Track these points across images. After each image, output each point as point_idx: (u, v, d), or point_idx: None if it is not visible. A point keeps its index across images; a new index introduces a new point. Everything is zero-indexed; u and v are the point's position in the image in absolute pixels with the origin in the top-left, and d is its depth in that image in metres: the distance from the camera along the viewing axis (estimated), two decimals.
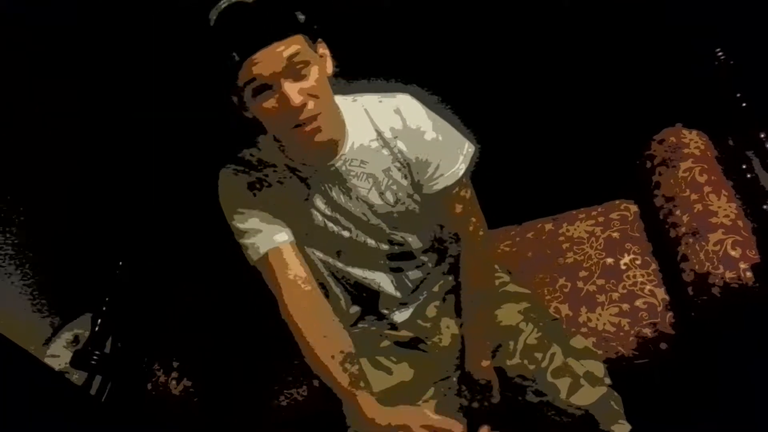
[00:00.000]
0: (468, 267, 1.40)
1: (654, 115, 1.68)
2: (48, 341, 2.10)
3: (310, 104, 1.10)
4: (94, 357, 1.76)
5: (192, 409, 1.81)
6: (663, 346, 1.46)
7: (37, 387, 1.62)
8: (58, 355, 2.06)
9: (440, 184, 1.28)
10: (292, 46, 1.07)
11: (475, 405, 1.36)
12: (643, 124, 1.69)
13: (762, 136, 1.33)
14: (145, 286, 2.00)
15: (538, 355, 1.31)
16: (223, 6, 1.07)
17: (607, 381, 1.32)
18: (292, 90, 1.07)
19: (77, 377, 1.87)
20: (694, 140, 1.59)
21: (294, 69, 1.08)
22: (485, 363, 1.36)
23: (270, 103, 1.09)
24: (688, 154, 1.56)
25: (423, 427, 1.24)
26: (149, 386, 1.85)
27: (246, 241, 1.27)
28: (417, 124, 1.25)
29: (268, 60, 1.06)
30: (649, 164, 1.65)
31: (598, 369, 1.32)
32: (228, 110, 1.16)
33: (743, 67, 1.45)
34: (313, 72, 1.10)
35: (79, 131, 1.97)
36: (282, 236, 1.27)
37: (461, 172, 1.29)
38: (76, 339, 2.15)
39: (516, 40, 1.70)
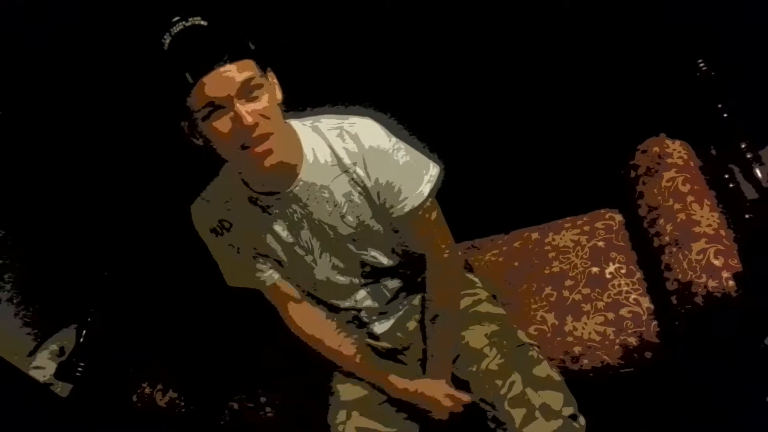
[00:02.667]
0: (432, 287, 1.40)
1: (638, 125, 1.69)
2: (33, 353, 2.08)
3: (263, 124, 1.10)
4: (79, 368, 1.75)
5: (177, 420, 1.80)
6: (648, 354, 1.46)
7: (21, 399, 1.60)
8: (43, 367, 2.04)
9: (405, 208, 1.27)
10: (245, 70, 1.08)
11: (434, 416, 1.39)
12: (628, 134, 1.70)
13: (743, 146, 1.34)
14: (130, 297, 1.99)
15: (498, 382, 1.31)
16: (177, 30, 1.07)
17: (567, 412, 1.29)
18: (245, 110, 1.08)
19: (61, 389, 1.86)
20: (677, 150, 1.60)
21: (246, 91, 1.08)
22: (446, 387, 1.39)
23: (222, 122, 1.09)
24: (671, 164, 1.58)
25: (446, 396, 1.37)
26: (135, 398, 1.84)
27: (224, 269, 1.37)
28: (376, 148, 1.23)
29: (222, 81, 1.06)
30: (633, 174, 1.66)
31: (556, 401, 1.30)
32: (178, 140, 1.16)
33: (725, 78, 1.47)
34: (265, 96, 1.11)
35: (62, 142, 1.95)
36: (263, 275, 1.35)
37: (425, 194, 1.27)
38: (61, 350, 2.13)
39: (504, 52, 1.71)
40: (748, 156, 1.32)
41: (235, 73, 1.07)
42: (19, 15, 1.72)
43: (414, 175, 1.27)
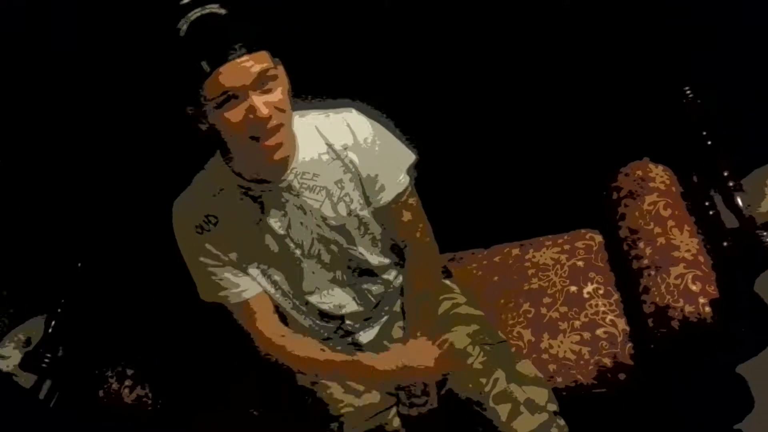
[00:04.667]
0: (413, 269, 1.42)
1: (622, 148, 1.71)
2: None
3: (276, 116, 1.11)
4: (45, 360, 1.71)
5: (144, 418, 1.77)
6: (621, 376, 1.47)
7: None
8: (8, 356, 2.00)
9: (389, 195, 1.33)
10: (261, 61, 1.09)
11: (413, 412, 1.37)
12: (612, 156, 1.72)
13: (726, 174, 1.36)
14: (102, 291, 1.95)
15: (483, 380, 1.31)
16: (195, 16, 1.07)
17: (552, 407, 1.31)
18: (260, 102, 1.08)
19: (25, 380, 1.81)
20: (659, 175, 1.62)
21: (261, 82, 1.09)
22: (425, 341, 1.36)
23: (235, 113, 1.09)
24: (653, 188, 1.59)
25: (427, 358, 1.33)
26: (101, 393, 1.80)
27: (199, 282, 1.33)
28: (366, 138, 1.29)
29: (239, 71, 1.07)
30: (615, 196, 1.67)
31: (541, 396, 1.31)
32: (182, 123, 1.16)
33: (710, 106, 1.49)
34: (279, 87, 1.12)
35: (37, 127, 1.92)
36: (241, 293, 1.32)
37: (407, 181, 1.35)
38: (28, 341, 2.09)
39: (493, 69, 1.72)
40: (730, 184, 1.33)
41: (251, 63, 1.08)
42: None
43: (397, 163, 1.34)
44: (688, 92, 1.53)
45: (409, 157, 1.37)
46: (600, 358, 1.48)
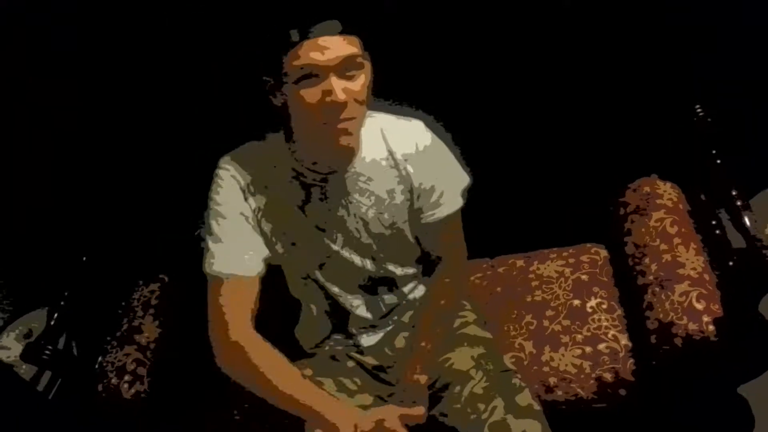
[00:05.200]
0: (441, 285, 1.41)
1: (631, 164, 1.72)
2: None
3: (352, 106, 1.09)
4: (46, 352, 1.70)
5: (141, 415, 1.76)
6: (622, 392, 1.46)
7: None
8: (9, 347, 2.00)
9: (441, 213, 1.32)
10: (352, 46, 1.06)
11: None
12: (620, 172, 1.72)
13: (734, 193, 1.36)
14: (106, 286, 1.95)
15: (481, 406, 1.28)
16: None
17: None
18: (339, 86, 1.06)
19: (26, 371, 1.82)
20: (667, 192, 1.63)
21: (347, 67, 1.07)
22: (423, 379, 1.34)
23: (313, 92, 1.07)
24: (660, 204, 1.60)
25: (399, 417, 1.20)
26: (100, 387, 1.80)
27: (211, 247, 1.22)
28: (428, 152, 1.27)
29: (327, 50, 1.04)
30: (622, 211, 1.67)
31: (535, 430, 1.27)
32: (252, 93, 1.14)
33: (721, 125, 1.49)
34: (362, 77, 1.10)
35: (40, 120, 1.93)
36: (247, 266, 1.22)
37: (461, 203, 1.33)
38: (29, 332, 2.10)
39: (504, 81, 1.73)
40: (738, 203, 1.33)
41: (341, 44, 1.05)
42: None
43: (454, 182, 1.33)
44: (699, 110, 1.53)
45: (465, 179, 1.35)
46: (601, 372, 1.47)
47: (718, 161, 1.45)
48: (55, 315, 1.79)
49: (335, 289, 1.37)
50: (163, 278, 1.96)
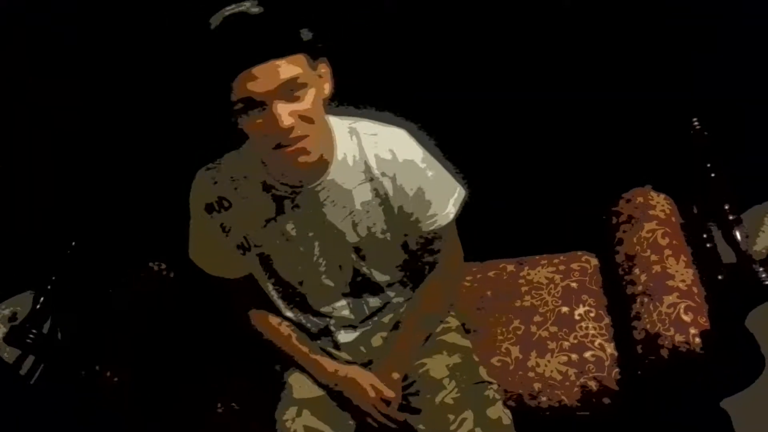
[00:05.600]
0: (432, 289, 1.41)
1: (626, 174, 1.72)
2: None
3: (299, 126, 1.06)
4: (31, 335, 1.69)
5: (124, 403, 1.75)
6: (606, 400, 1.47)
7: None
8: None
9: (433, 225, 1.29)
10: (291, 67, 1.03)
11: (370, 420, 1.36)
12: (615, 181, 1.73)
13: (726, 207, 1.36)
14: (94, 272, 1.94)
15: (450, 417, 1.29)
16: (226, 14, 1.03)
17: None
18: (284, 111, 1.04)
19: (9, 354, 1.80)
20: (660, 204, 1.63)
21: (288, 90, 1.04)
22: (395, 376, 1.36)
23: (258, 121, 1.05)
24: (653, 215, 1.60)
25: (371, 385, 1.33)
26: (83, 373, 1.79)
27: (194, 252, 1.35)
28: (409, 162, 1.23)
29: (263, 77, 1.02)
30: (614, 220, 1.68)
31: None
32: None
33: (717, 139, 1.50)
34: (309, 94, 1.07)
35: (33, 107, 1.91)
36: (228, 269, 1.35)
37: (452, 216, 1.30)
38: (14, 316, 2.07)
39: (503, 87, 1.73)
40: (730, 217, 1.33)
41: (281, 69, 1.02)
42: None
43: (443, 194, 1.29)
44: (696, 123, 1.53)
45: (455, 189, 1.31)
46: (586, 380, 1.48)
47: (713, 174, 1.45)
48: (41, 299, 1.77)
49: (315, 298, 1.37)
50: (152, 267, 1.95)
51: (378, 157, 1.23)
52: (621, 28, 1.63)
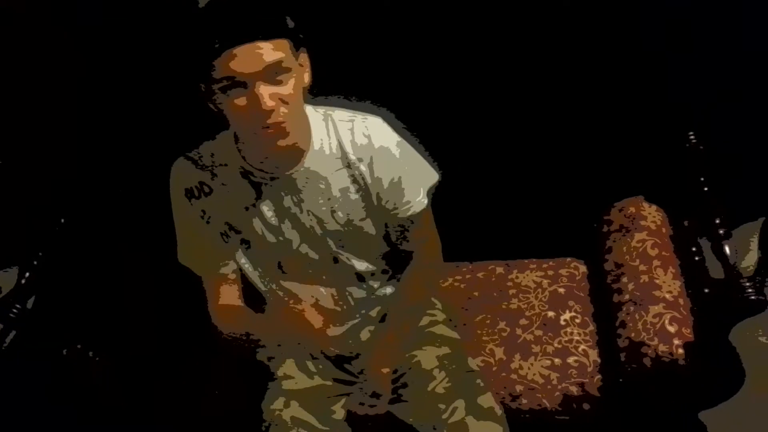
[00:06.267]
0: (413, 280, 1.41)
1: (619, 183, 1.73)
2: None
3: (280, 109, 1.08)
4: (14, 310, 1.68)
5: (102, 386, 1.74)
6: (586, 406, 1.47)
7: None
8: None
9: (408, 212, 1.30)
10: (276, 51, 1.04)
11: (360, 410, 1.37)
12: (608, 190, 1.74)
13: (717, 221, 1.37)
14: (83, 250, 1.93)
15: (442, 406, 1.30)
16: None
17: None
18: (266, 92, 1.05)
19: None
20: (652, 214, 1.65)
21: (272, 73, 1.05)
22: (385, 370, 1.36)
23: (240, 101, 1.06)
24: (644, 226, 1.61)
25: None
26: (64, 351, 1.78)
27: (180, 243, 1.33)
28: (385, 148, 1.25)
29: (249, 57, 1.03)
30: (605, 228, 1.69)
31: None
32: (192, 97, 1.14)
33: (713, 154, 1.51)
34: (291, 80, 1.08)
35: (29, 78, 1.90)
36: (214, 268, 1.34)
37: (426, 201, 1.31)
38: None
39: (500, 91, 1.74)
40: (720, 232, 1.34)
41: (266, 51, 1.03)
42: None
43: (418, 181, 1.31)
44: (692, 137, 1.54)
45: (431, 176, 1.33)
46: (567, 385, 1.48)
47: (706, 189, 1.46)
48: (27, 274, 1.76)
49: (296, 285, 1.37)
50: (140, 249, 1.93)
51: (354, 143, 1.24)
52: (620, 46, 1.64)
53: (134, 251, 1.94)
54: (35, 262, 1.80)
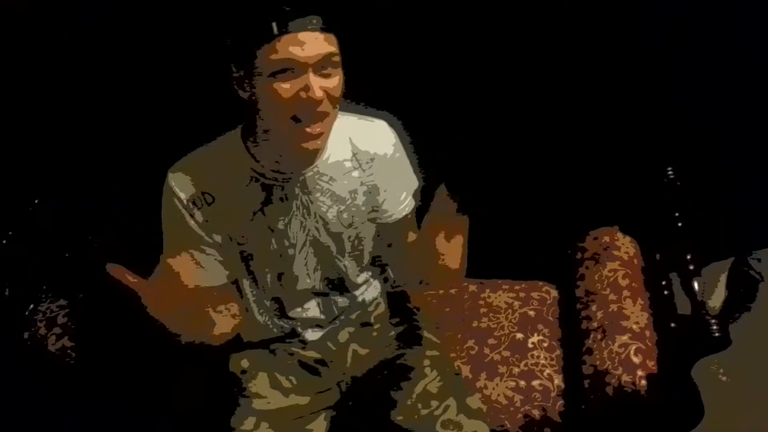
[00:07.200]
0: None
1: (596, 212, 1.75)
2: None
3: (327, 102, 1.07)
4: None
5: (65, 370, 1.72)
6: (546, 430, 1.48)
7: None
8: None
9: (401, 213, 1.32)
10: (330, 44, 1.06)
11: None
12: (584, 218, 1.76)
13: (688, 257, 1.39)
14: (55, 232, 1.90)
15: (434, 403, 1.33)
16: None
17: None
18: (316, 83, 1.05)
19: None
20: (625, 245, 1.67)
21: (325, 65, 1.05)
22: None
23: (288, 86, 1.04)
24: (617, 256, 1.64)
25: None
26: (26, 335, 1.75)
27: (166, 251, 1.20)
28: (391, 153, 1.28)
29: (310, 44, 1.03)
30: (579, 256, 1.71)
31: (483, 431, 1.34)
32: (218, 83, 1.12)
33: (690, 191, 1.54)
34: (337, 77, 1.09)
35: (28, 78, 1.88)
36: (200, 275, 1.20)
37: (413, 204, 1.33)
38: None
39: (501, 92, 1.75)
40: (690, 267, 1.37)
41: (321, 41, 1.04)
42: None
43: (410, 183, 1.33)
44: (670, 173, 1.57)
45: (415, 182, 1.34)
46: (530, 408, 1.49)
47: (680, 224, 1.48)
48: None
49: (290, 296, 1.35)
50: (112, 234, 1.91)
51: (365, 146, 1.26)
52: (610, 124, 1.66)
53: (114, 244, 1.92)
54: (4, 241, 1.78)
